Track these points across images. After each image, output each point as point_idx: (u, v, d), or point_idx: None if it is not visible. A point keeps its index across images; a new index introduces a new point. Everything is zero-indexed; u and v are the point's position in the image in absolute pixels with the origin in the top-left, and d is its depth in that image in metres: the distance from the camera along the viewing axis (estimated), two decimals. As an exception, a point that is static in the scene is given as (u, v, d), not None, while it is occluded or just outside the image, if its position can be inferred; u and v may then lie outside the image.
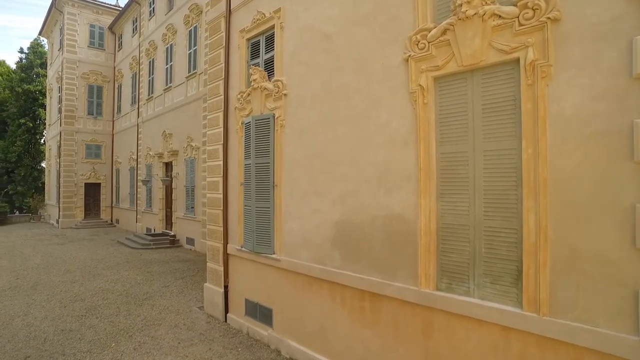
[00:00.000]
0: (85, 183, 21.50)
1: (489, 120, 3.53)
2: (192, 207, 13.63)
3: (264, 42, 6.14)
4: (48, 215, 24.57)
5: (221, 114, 6.85)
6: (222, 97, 6.83)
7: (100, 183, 22.07)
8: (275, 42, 5.84)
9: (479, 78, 3.60)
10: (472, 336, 3.58)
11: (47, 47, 32.00)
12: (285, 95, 5.57)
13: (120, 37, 21.65)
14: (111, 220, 22.10)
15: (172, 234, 14.44)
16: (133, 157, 19.21)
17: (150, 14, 17.65)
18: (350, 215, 4.64)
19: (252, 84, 6.03)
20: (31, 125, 29.08)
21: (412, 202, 4.04)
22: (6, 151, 27.61)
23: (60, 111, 21.55)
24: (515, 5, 3.30)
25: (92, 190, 21.88)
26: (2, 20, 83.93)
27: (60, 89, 21.91)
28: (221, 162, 6.78)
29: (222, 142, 6.79)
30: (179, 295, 8.18)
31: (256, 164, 5.90)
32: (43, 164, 31.95)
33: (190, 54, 14.08)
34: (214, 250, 6.95)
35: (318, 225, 5.03)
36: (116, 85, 22.09)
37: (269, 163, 5.73)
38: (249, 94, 6.18)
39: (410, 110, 4.08)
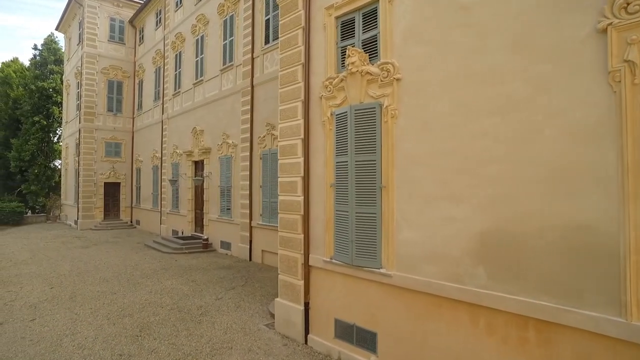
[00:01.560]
0: (104, 182, 20.68)
1: None
2: (228, 209, 12.76)
3: (360, 20, 5.25)
4: (65, 215, 23.77)
5: (300, 105, 5.96)
6: (302, 84, 5.94)
7: (120, 182, 21.23)
8: (379, 19, 4.95)
9: None
10: None
11: (61, 44, 31.39)
12: (397, 80, 4.68)
13: (142, 30, 20.81)
14: (131, 221, 21.27)
15: (205, 237, 13.57)
16: (157, 155, 18.36)
17: (177, 4, 16.79)
18: (503, 224, 3.75)
19: (348, 67, 5.13)
20: (45, 123, 28.32)
21: (609, 210, 3.15)
22: (20, 150, 26.82)
23: (79, 108, 20.76)
24: None
25: (111, 190, 21.05)
26: (7, 21, 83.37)
27: (79, 85, 21.11)
28: (300, 160, 5.90)
29: (301, 136, 5.90)
30: (238, 310, 7.29)
31: (356, 161, 5.00)
32: (56, 163, 31.27)
33: (225, 45, 13.21)
34: (290, 261, 6.07)
35: (452, 236, 4.13)
36: (136, 81, 21.25)
37: (374, 161, 4.84)
38: (342, 80, 5.29)
39: (606, 94, 3.19)
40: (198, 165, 14.98)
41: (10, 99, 28.83)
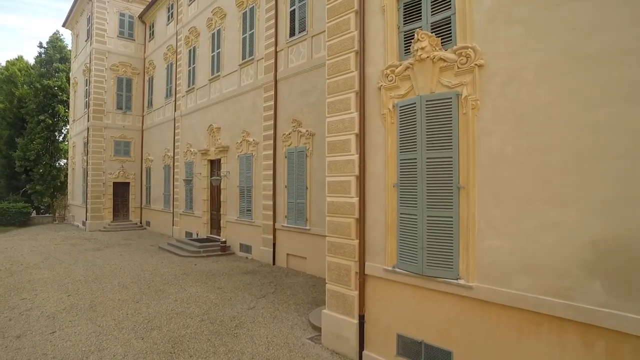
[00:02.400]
0: (113, 182, 20.12)
1: None
2: (249, 210, 12.18)
3: (428, 0, 4.67)
4: (72, 216, 23.20)
5: (353, 96, 5.39)
6: (355, 74, 5.37)
7: (129, 182, 20.66)
8: (454, -3, 4.38)
9: None
10: None
11: (67, 42, 30.94)
12: (479, 66, 4.11)
13: (152, 26, 20.24)
14: (140, 222, 20.70)
15: (223, 239, 12.99)
16: (168, 154, 17.79)
17: (190, -2, 16.24)
18: (629, 232, 3.17)
19: (416, 54, 4.56)
20: (50, 122, 27.79)
21: None
22: (25, 149, 26.23)
23: (87, 105, 20.20)
24: None
25: (120, 190, 20.48)
26: (8, 21, 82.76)
27: (87, 82, 20.55)
28: (354, 157, 5.32)
29: (355, 131, 5.33)
30: (275, 321, 6.72)
31: (427, 159, 4.43)
32: (62, 162, 30.75)
33: (244, 38, 12.64)
34: (341, 269, 5.49)
35: (554, 244, 3.56)
36: (146, 78, 20.69)
37: (450, 158, 4.26)
38: (407, 68, 4.71)
39: None
40: (214, 165, 14.41)
41: (15, 98, 28.29)
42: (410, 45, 4.73)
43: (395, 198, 4.84)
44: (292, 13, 10.65)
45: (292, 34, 10.69)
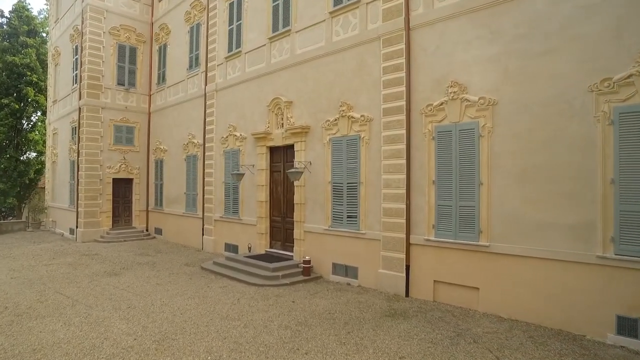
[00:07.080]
0: (113, 179, 15.67)
1: None
2: (352, 217, 8.53)
3: None
4: (52, 222, 18.35)
5: None
6: None
7: (132, 179, 16.25)
8: None
9: None
10: None
11: (34, 12, 25.77)
12: None
13: (164, -20, 15.99)
14: (147, 229, 16.37)
15: (306, 258, 9.19)
16: (194, 140, 13.70)
17: None
18: None
19: None
20: (17, 107, 22.86)
21: None
22: (-16, 138, 21.09)
23: (77, 80, 15.66)
24: None
25: (122, 189, 16.01)
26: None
27: (76, 50, 15.97)
28: None
29: None
30: None
31: None
32: (31, 155, 25.82)
33: (338, -25, 8.98)
34: None
35: None
36: (155, 47, 16.35)
37: None
38: None
39: None
40: (278, 153, 10.61)
41: (-31, 77, 23.01)
42: None
43: None
44: None
45: (444, -47, 7.17)
